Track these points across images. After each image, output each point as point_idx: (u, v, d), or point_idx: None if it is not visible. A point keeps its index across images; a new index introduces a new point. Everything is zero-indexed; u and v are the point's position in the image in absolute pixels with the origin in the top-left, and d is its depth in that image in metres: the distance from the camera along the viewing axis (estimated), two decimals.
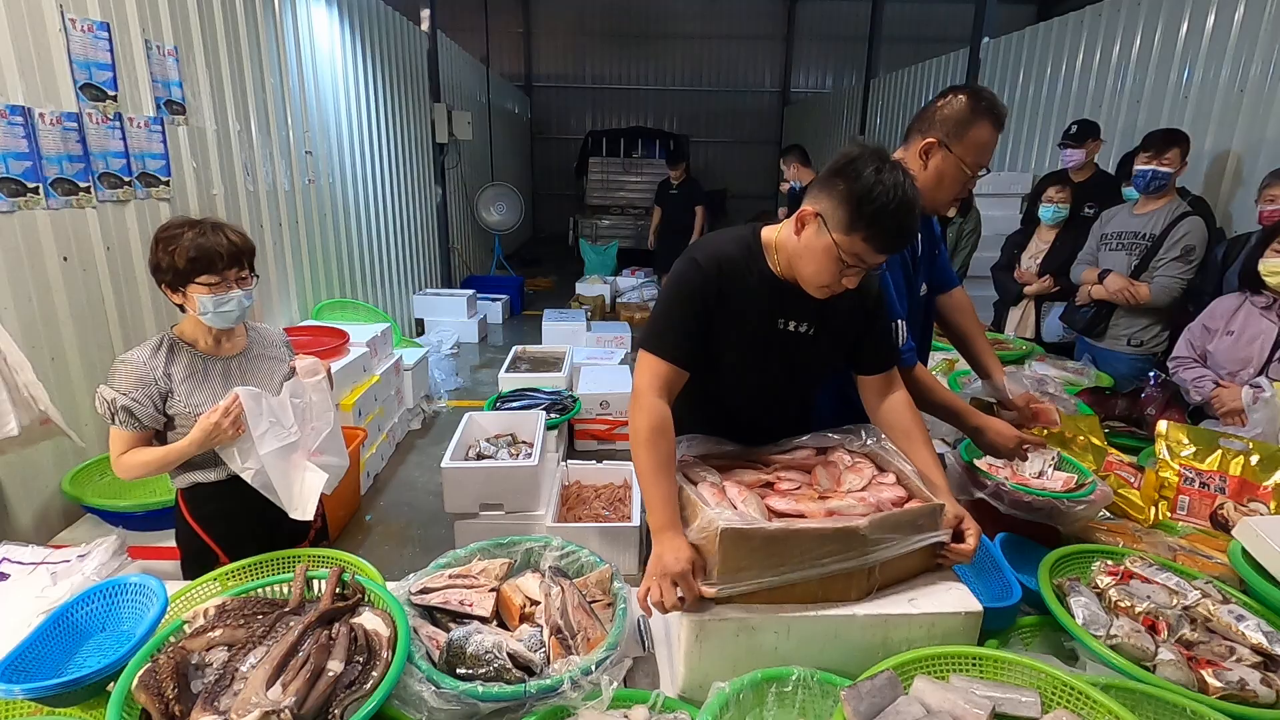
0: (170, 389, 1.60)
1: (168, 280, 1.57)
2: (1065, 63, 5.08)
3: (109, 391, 1.55)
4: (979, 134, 1.62)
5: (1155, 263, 2.86)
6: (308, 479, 1.71)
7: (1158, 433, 1.91)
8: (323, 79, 4.58)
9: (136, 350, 1.61)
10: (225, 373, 1.67)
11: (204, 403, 1.60)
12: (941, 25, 12.05)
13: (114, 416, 1.55)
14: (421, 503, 3.63)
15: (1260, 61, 3.48)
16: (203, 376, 1.64)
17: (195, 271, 1.54)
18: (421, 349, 4.87)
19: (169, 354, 1.62)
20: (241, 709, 0.95)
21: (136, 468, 1.60)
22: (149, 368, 1.58)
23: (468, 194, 8.52)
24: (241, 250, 1.60)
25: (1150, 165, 2.82)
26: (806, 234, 1.25)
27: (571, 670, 1.10)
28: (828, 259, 1.23)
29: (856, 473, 1.40)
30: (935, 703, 1.00)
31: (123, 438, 1.58)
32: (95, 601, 1.33)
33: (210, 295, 1.56)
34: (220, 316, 1.60)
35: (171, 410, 1.60)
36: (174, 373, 1.61)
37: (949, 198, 1.75)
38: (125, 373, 1.56)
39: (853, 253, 1.21)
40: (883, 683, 1.02)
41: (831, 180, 1.21)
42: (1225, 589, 1.31)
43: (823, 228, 1.22)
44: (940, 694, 1.01)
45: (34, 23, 2.30)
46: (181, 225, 1.56)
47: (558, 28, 13.43)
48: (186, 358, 1.63)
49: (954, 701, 0.99)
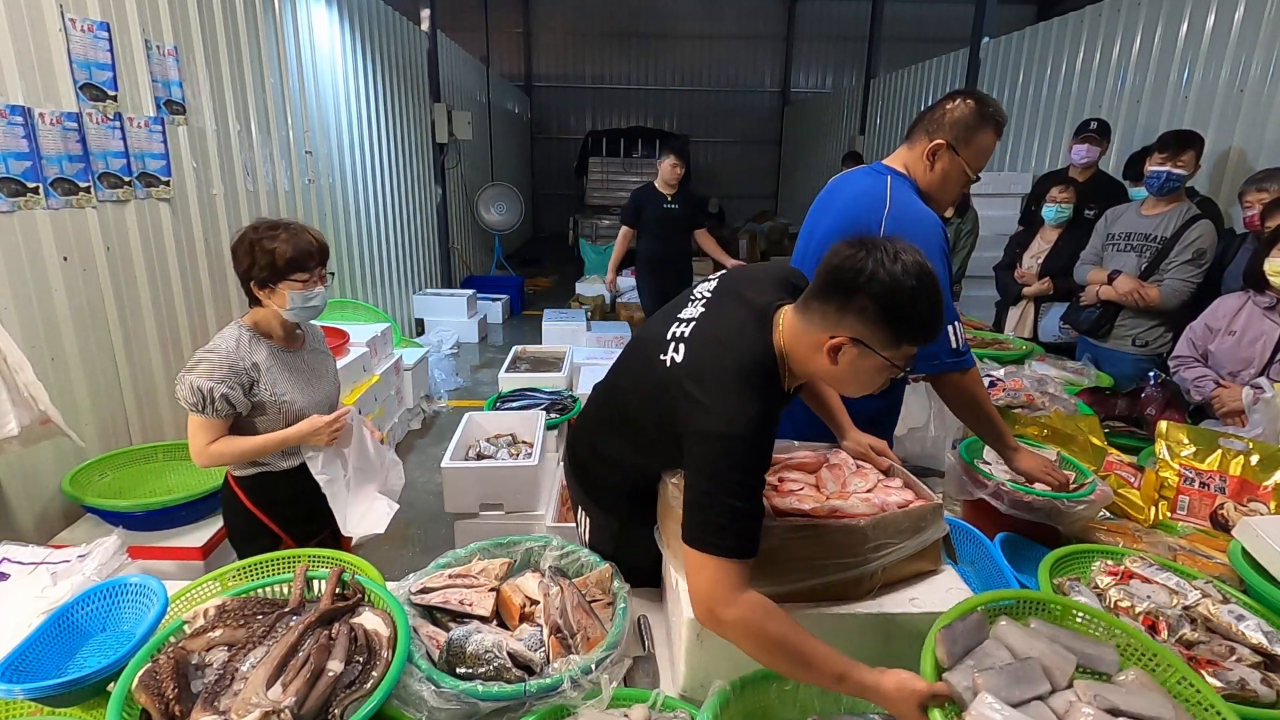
0: (257, 379, 1.69)
1: (262, 278, 1.68)
2: (1065, 63, 5.08)
3: (202, 381, 1.61)
4: (984, 140, 1.65)
5: (1166, 265, 2.84)
6: (376, 507, 1.91)
7: (1158, 433, 1.91)
8: (323, 79, 4.58)
9: (221, 341, 1.69)
10: (297, 365, 1.80)
11: (286, 393, 1.73)
12: (941, 25, 12.06)
13: (207, 405, 1.62)
14: (421, 503, 3.63)
15: (1260, 61, 3.48)
16: (282, 368, 1.75)
17: (291, 269, 1.68)
18: (421, 349, 4.87)
19: (251, 344, 1.71)
20: (242, 709, 0.95)
21: (228, 455, 1.70)
22: (238, 357, 1.66)
23: (468, 194, 8.52)
24: (325, 250, 1.76)
25: (1165, 167, 2.80)
26: (847, 361, 1.09)
27: (571, 669, 1.10)
28: (881, 374, 1.11)
29: (862, 476, 1.40)
30: (1020, 647, 1.01)
31: (210, 426, 1.66)
32: (95, 601, 1.33)
33: (301, 291, 1.70)
34: (307, 310, 1.74)
35: (256, 398, 1.70)
36: (259, 362, 1.70)
37: (950, 199, 1.77)
38: (217, 362, 1.63)
39: (905, 356, 1.09)
40: (973, 624, 1.02)
41: (847, 302, 1.06)
42: (1225, 589, 1.31)
43: (866, 351, 1.07)
44: (1025, 640, 1.02)
45: (34, 23, 2.30)
46: (274, 227, 1.69)
47: (558, 28, 13.44)
48: (266, 349, 1.73)
49: (1040, 649, 1.00)
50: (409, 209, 6.46)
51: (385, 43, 5.74)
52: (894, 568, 1.23)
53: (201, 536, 2.23)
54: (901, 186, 1.68)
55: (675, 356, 1.19)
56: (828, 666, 1.00)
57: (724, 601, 1.03)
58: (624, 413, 1.37)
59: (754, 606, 1.02)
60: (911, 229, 1.58)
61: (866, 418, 1.80)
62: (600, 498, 1.51)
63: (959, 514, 1.78)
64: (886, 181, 1.68)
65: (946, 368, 1.62)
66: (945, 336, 1.59)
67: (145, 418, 2.78)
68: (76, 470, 2.30)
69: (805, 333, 1.12)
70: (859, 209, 1.69)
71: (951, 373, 1.63)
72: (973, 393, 1.64)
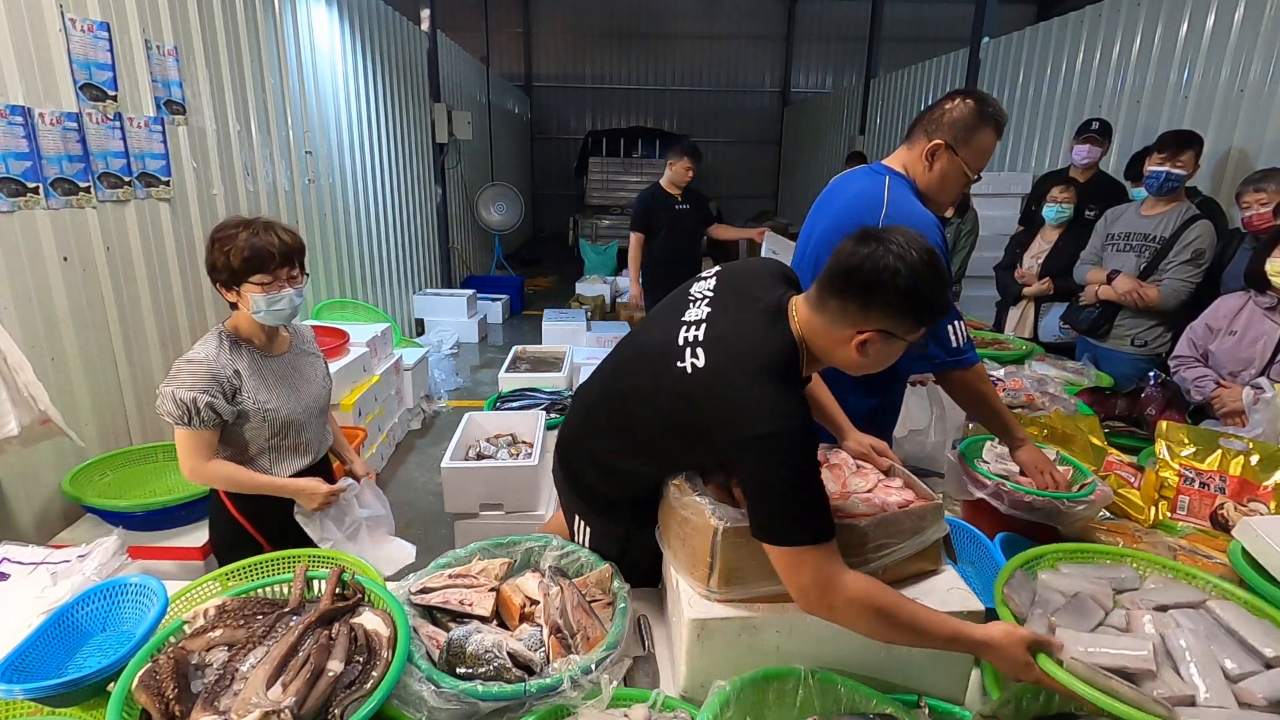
0: (239, 386, 1.62)
1: (223, 279, 1.61)
2: (1065, 63, 5.08)
3: (184, 392, 1.54)
4: (984, 140, 1.65)
5: (1165, 265, 2.84)
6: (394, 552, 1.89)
7: (1158, 433, 1.91)
8: (323, 79, 4.58)
9: (200, 348, 1.62)
10: (280, 370, 1.73)
11: (269, 400, 1.66)
12: (941, 25, 12.06)
13: (192, 417, 1.55)
14: (421, 503, 3.63)
15: (1260, 61, 3.48)
16: (264, 374, 1.69)
17: (249, 271, 1.59)
18: (421, 349, 4.87)
19: (232, 350, 1.65)
20: (242, 709, 0.95)
21: (220, 479, 1.64)
22: (219, 365, 1.60)
23: (468, 194, 8.52)
24: (292, 249, 1.66)
25: (1164, 167, 2.80)
26: (875, 350, 1.13)
27: (571, 669, 1.10)
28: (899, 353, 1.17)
29: (862, 476, 1.40)
30: (1064, 587, 1.20)
31: (199, 439, 1.59)
32: (95, 601, 1.33)
33: (263, 294, 1.61)
34: (273, 314, 1.64)
35: (240, 406, 1.63)
36: (240, 369, 1.64)
37: (950, 199, 1.77)
38: (197, 371, 1.56)
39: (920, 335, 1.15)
40: (1020, 580, 1.23)
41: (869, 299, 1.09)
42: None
43: (891, 340, 1.12)
44: (1063, 580, 1.23)
45: (34, 23, 2.30)
46: (236, 225, 1.61)
47: (558, 28, 13.44)
48: (247, 354, 1.67)
49: (1079, 584, 1.20)
50: (409, 209, 6.46)
51: (385, 43, 5.74)
52: (894, 567, 1.23)
53: (201, 536, 2.23)
54: (900, 187, 1.68)
55: (696, 362, 1.17)
56: (940, 630, 1.07)
57: (833, 588, 1.06)
58: (632, 422, 1.34)
59: (860, 582, 1.07)
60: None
61: (864, 417, 1.80)
62: (604, 508, 1.47)
63: (958, 514, 1.77)
64: (885, 182, 1.69)
65: (947, 365, 1.63)
66: (945, 335, 1.59)
67: (145, 418, 2.78)
68: (76, 470, 2.30)
69: (827, 329, 1.15)
70: (857, 209, 1.69)
71: (955, 370, 1.63)
72: (977, 388, 1.66)
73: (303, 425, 1.77)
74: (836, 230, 1.70)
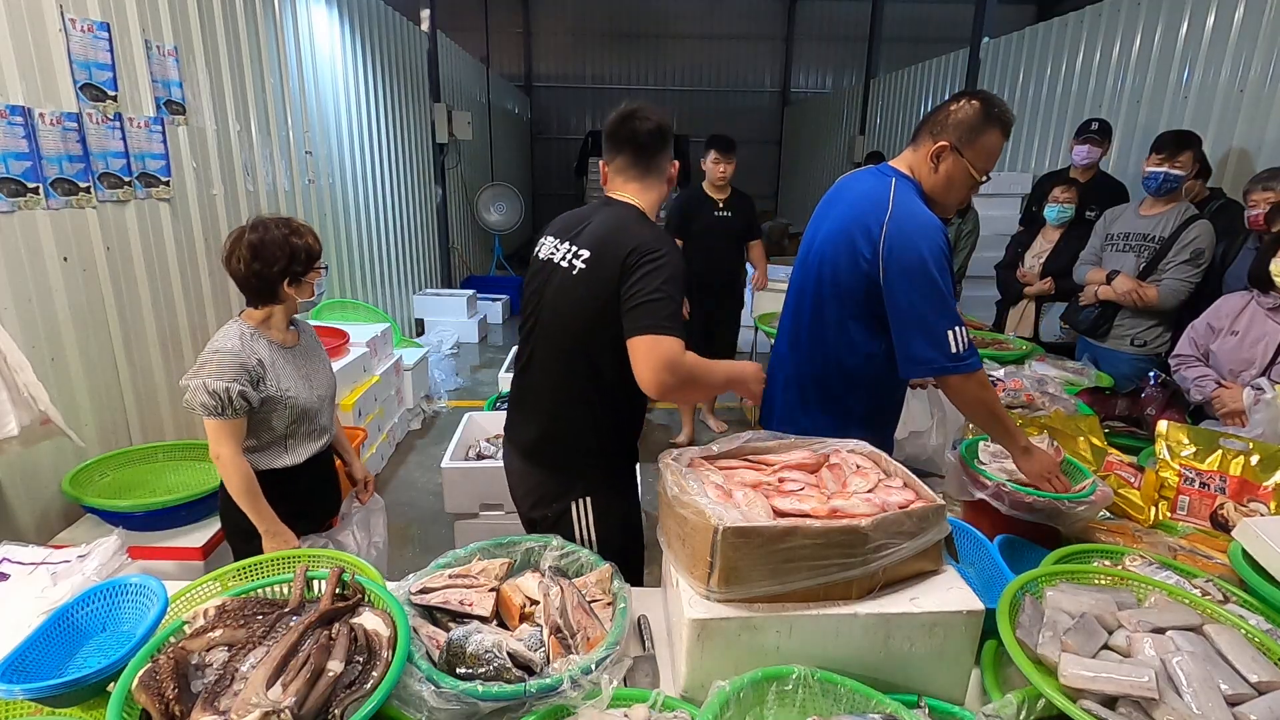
0: (263, 374, 1.70)
1: (297, 272, 1.73)
2: (1065, 63, 5.08)
3: (216, 381, 1.59)
4: (990, 141, 1.63)
5: (1164, 265, 2.85)
6: None
7: (1158, 433, 1.91)
8: (323, 79, 4.58)
9: (225, 340, 1.69)
10: (294, 360, 1.82)
11: (290, 387, 1.76)
12: (941, 25, 12.06)
13: (225, 407, 1.61)
14: (421, 503, 3.63)
15: (1260, 61, 3.49)
16: (284, 362, 1.77)
17: (309, 267, 1.75)
18: (421, 349, 4.87)
19: (254, 342, 1.72)
20: (241, 709, 0.95)
21: (242, 479, 1.68)
22: (245, 354, 1.67)
23: (468, 194, 8.52)
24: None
25: (1162, 168, 2.81)
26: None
27: (571, 669, 1.10)
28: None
29: (862, 476, 1.40)
30: (1070, 607, 1.19)
31: (232, 428, 1.66)
32: (95, 602, 1.33)
33: (321, 278, 1.81)
34: (318, 297, 1.84)
35: (263, 394, 1.70)
36: (263, 358, 1.71)
37: (957, 201, 1.75)
38: (225, 362, 1.62)
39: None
40: (1030, 606, 1.19)
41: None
42: (1226, 587, 1.31)
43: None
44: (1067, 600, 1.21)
45: (34, 23, 2.30)
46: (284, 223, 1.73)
47: (558, 28, 13.43)
48: (267, 346, 1.75)
49: (1084, 604, 1.19)
50: (409, 209, 6.46)
51: (385, 43, 5.74)
52: (895, 567, 1.23)
53: (201, 536, 2.23)
54: (905, 189, 1.67)
55: (582, 255, 1.54)
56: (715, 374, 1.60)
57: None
58: (574, 347, 1.58)
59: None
60: (912, 233, 1.57)
61: (864, 418, 1.80)
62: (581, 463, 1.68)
63: (959, 514, 1.77)
64: (890, 184, 1.67)
65: (946, 370, 1.61)
66: (944, 339, 1.58)
67: (145, 418, 2.78)
68: (76, 470, 2.30)
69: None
70: (862, 211, 1.68)
71: (954, 375, 1.62)
72: (978, 395, 1.62)
73: (317, 412, 1.88)
74: (842, 231, 1.69)
